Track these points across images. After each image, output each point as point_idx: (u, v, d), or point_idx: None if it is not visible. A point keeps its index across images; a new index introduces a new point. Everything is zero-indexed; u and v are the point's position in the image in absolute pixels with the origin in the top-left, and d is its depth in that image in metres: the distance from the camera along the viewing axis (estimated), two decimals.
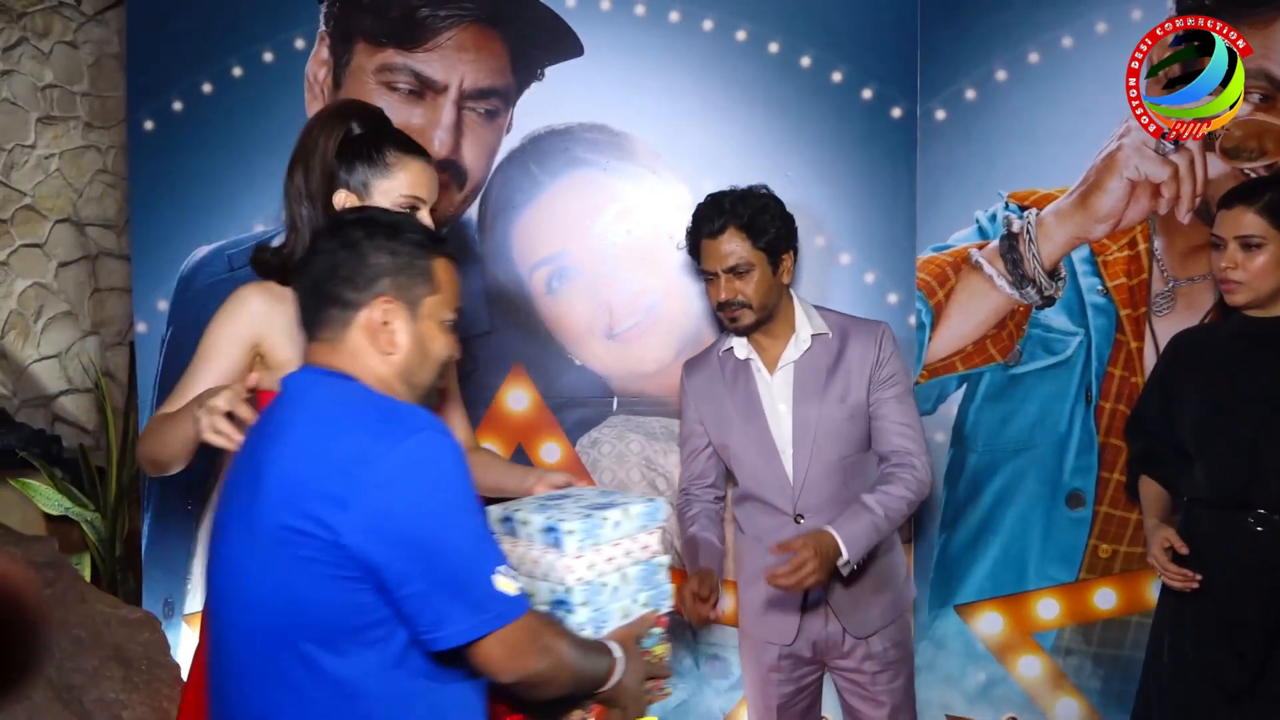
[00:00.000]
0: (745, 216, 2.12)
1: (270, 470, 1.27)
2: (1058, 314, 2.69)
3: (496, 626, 1.26)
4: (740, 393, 2.21)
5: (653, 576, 1.60)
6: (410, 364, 1.37)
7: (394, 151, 1.80)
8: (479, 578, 1.26)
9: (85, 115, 3.80)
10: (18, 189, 3.60)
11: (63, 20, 3.71)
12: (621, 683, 1.45)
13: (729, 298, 2.14)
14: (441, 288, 1.40)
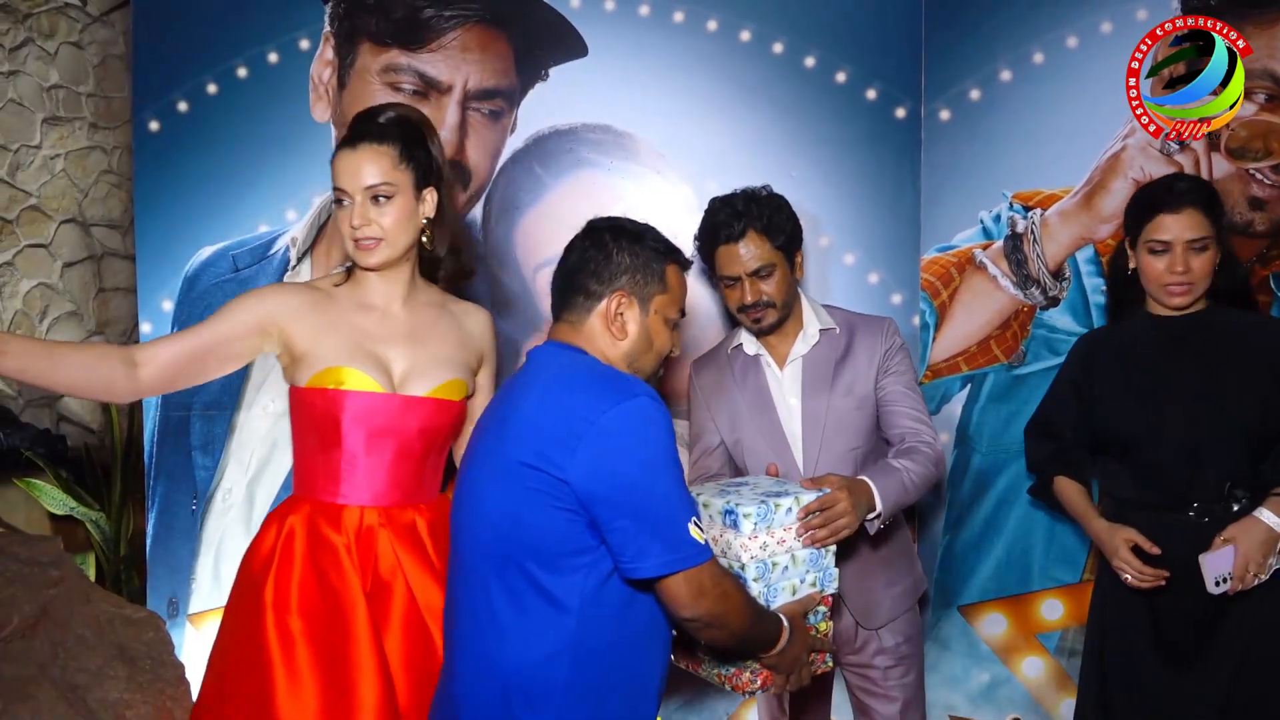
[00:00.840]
0: (764, 218, 2.12)
1: (515, 417, 1.55)
2: (1062, 314, 2.68)
3: (687, 566, 1.49)
4: (750, 388, 2.22)
5: (820, 560, 1.77)
6: (635, 350, 1.65)
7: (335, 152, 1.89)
8: (677, 522, 1.49)
9: (90, 116, 3.81)
10: (23, 189, 3.61)
11: (68, 21, 3.72)
12: (786, 651, 1.65)
13: (755, 299, 2.13)
14: (671, 290, 1.68)
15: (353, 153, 1.84)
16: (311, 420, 1.83)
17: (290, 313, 1.84)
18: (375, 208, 1.82)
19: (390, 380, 1.84)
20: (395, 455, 1.84)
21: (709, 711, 2.80)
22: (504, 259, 2.79)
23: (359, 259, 1.86)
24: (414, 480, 1.87)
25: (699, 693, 2.79)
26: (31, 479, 3.29)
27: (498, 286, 2.79)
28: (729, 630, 1.55)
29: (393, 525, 1.83)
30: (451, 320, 1.97)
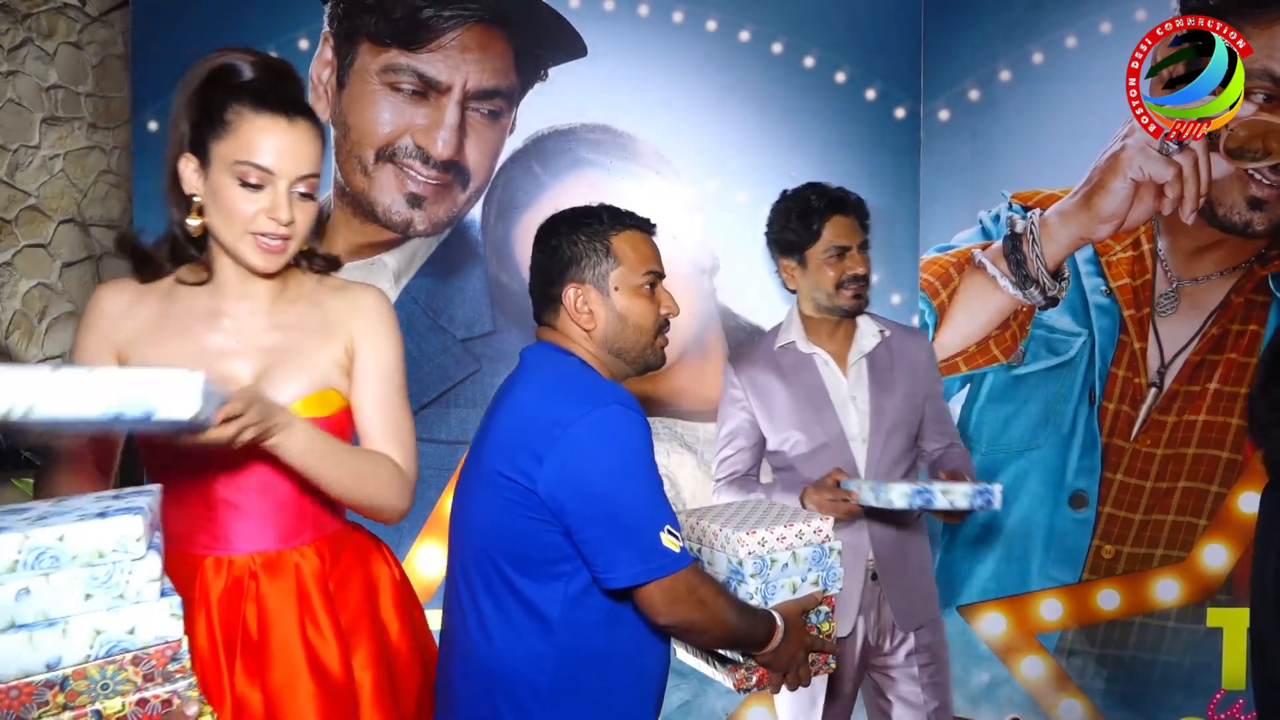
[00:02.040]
0: (857, 208, 2.20)
1: (495, 427, 1.56)
2: (1061, 314, 2.68)
3: (659, 575, 1.48)
4: (803, 386, 2.20)
5: (824, 559, 1.76)
6: (610, 333, 1.62)
7: (237, 105, 1.40)
8: (648, 531, 1.48)
9: (90, 116, 3.81)
10: (22, 189, 3.60)
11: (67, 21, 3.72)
12: (780, 650, 1.64)
13: (865, 270, 2.17)
14: (625, 259, 1.63)
15: (289, 126, 1.42)
16: (152, 458, 1.47)
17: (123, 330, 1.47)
18: (298, 202, 1.43)
19: None
20: (259, 492, 1.47)
21: (708, 711, 2.80)
22: (503, 259, 2.79)
23: (258, 260, 1.44)
24: (291, 516, 1.50)
25: (699, 693, 2.79)
26: (29, 479, 3.29)
27: (496, 287, 2.79)
28: (709, 635, 1.57)
29: (269, 571, 1.48)
30: (319, 313, 1.55)
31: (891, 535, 2.17)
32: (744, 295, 2.78)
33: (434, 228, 2.78)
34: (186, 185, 1.44)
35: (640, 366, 1.67)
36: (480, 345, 2.76)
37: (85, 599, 1.08)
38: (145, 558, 1.10)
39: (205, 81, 1.42)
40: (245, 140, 1.39)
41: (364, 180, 2.77)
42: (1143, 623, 2.70)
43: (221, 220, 1.42)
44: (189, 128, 1.42)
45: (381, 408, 1.55)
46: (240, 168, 1.39)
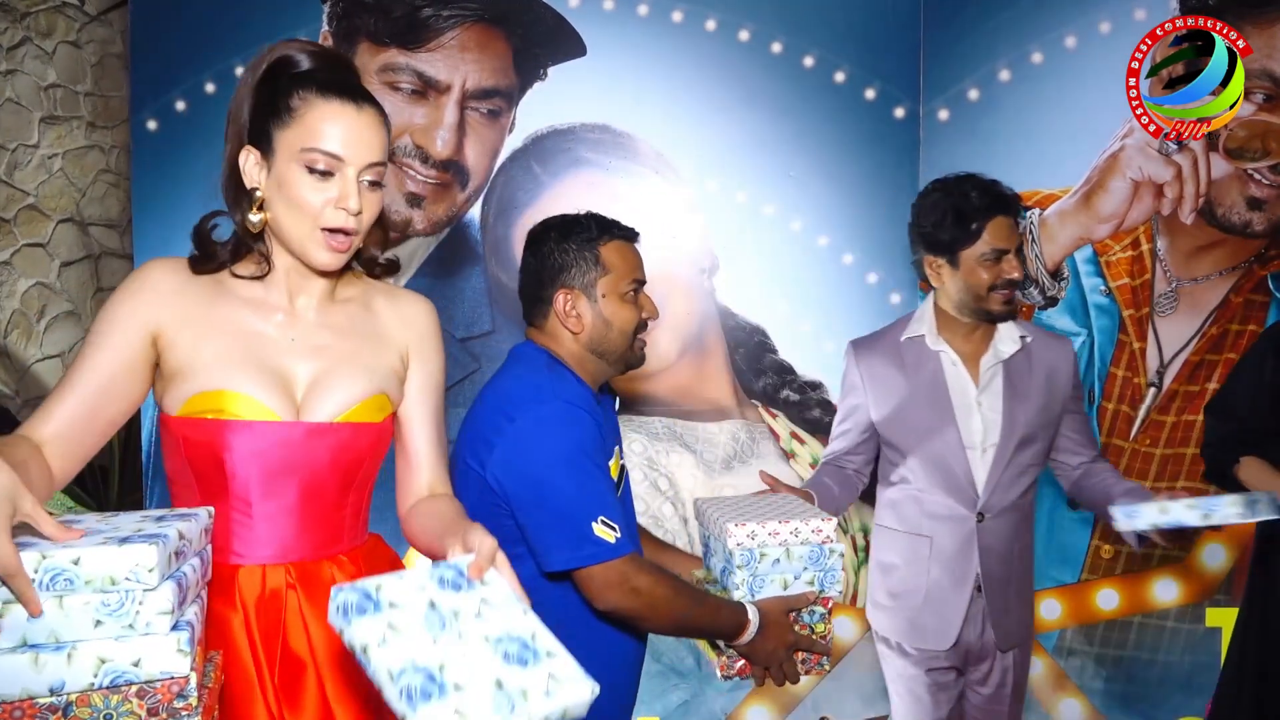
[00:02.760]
0: (1016, 207, 2.07)
1: (467, 418, 1.69)
2: (1060, 314, 2.68)
3: (590, 563, 1.57)
4: (925, 383, 2.11)
5: (822, 560, 1.74)
6: (595, 337, 1.71)
7: (303, 91, 1.34)
8: (579, 521, 1.57)
9: (88, 115, 3.81)
10: (21, 188, 3.60)
11: (66, 20, 3.71)
12: (757, 643, 1.67)
13: (1020, 274, 2.05)
14: (613, 268, 1.71)
15: (358, 113, 1.35)
16: (189, 460, 1.38)
17: (170, 309, 1.37)
18: (366, 192, 1.36)
19: (292, 403, 1.39)
20: (302, 497, 1.40)
21: (708, 711, 2.80)
22: (502, 258, 2.79)
23: (324, 258, 1.38)
24: (329, 526, 1.44)
25: (698, 693, 2.79)
26: None
27: (495, 286, 2.79)
28: (653, 624, 1.64)
29: (306, 585, 1.40)
30: (371, 318, 1.50)
31: (999, 551, 2.09)
32: (743, 295, 2.78)
33: (433, 227, 2.78)
34: (248, 179, 1.38)
35: (621, 366, 1.76)
36: (479, 345, 2.76)
37: (95, 625, 1.06)
38: (158, 589, 1.07)
39: (267, 72, 1.37)
40: (312, 126, 1.33)
41: None
42: (1142, 622, 2.70)
43: (288, 213, 1.35)
44: (249, 118, 1.37)
45: (434, 427, 1.53)
46: (308, 155, 1.32)
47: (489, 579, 1.17)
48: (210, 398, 1.35)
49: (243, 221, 1.39)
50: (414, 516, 1.48)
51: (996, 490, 2.07)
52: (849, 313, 2.77)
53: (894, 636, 2.19)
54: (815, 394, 2.81)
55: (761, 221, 2.77)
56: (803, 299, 2.78)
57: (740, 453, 2.80)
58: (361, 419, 1.42)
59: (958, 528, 2.08)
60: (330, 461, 1.41)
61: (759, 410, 2.80)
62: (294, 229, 1.36)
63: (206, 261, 1.41)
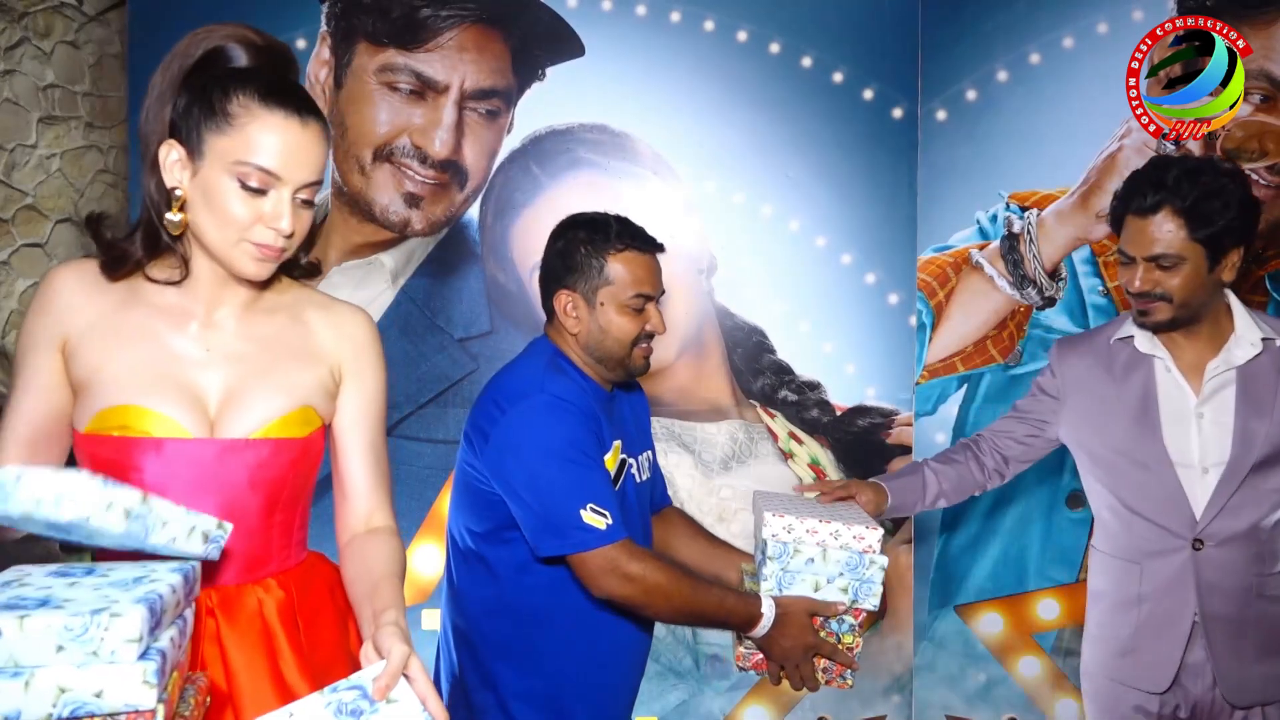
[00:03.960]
0: (1189, 199, 1.71)
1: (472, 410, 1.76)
2: (1058, 315, 2.69)
3: (579, 549, 1.61)
4: (1133, 391, 1.86)
5: (860, 569, 1.69)
6: (590, 341, 1.75)
7: (244, 97, 1.24)
8: (567, 509, 1.61)
9: (87, 115, 3.81)
10: (19, 189, 3.60)
11: (64, 20, 3.71)
12: (774, 638, 1.67)
13: (1146, 289, 1.77)
14: (617, 280, 1.73)
15: (301, 129, 1.25)
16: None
17: (74, 319, 1.29)
18: (300, 210, 1.27)
19: (205, 418, 1.29)
20: (221, 518, 1.27)
21: (706, 711, 2.80)
22: (501, 259, 2.79)
23: (250, 268, 1.28)
24: (254, 548, 1.34)
25: (696, 693, 2.79)
26: None
27: (494, 286, 2.79)
28: (653, 610, 1.67)
29: (227, 611, 1.31)
30: (299, 329, 1.39)
31: (1227, 587, 1.80)
32: (741, 295, 2.79)
33: (431, 227, 2.78)
34: (168, 176, 1.26)
35: (621, 373, 1.78)
36: (478, 345, 2.76)
37: (57, 651, 0.97)
38: (126, 615, 0.99)
39: (201, 62, 1.27)
40: (251, 139, 1.22)
41: (361, 180, 2.77)
42: None
43: (212, 222, 1.25)
44: (176, 112, 1.25)
45: (372, 452, 1.43)
46: (242, 169, 1.22)
47: (396, 695, 1.09)
48: (117, 413, 1.26)
49: (160, 218, 1.27)
50: (347, 561, 1.38)
51: (1221, 516, 1.79)
52: (847, 313, 2.77)
53: (1102, 672, 1.93)
54: (813, 394, 2.81)
55: (759, 222, 2.77)
56: (801, 299, 2.78)
57: (739, 453, 2.80)
58: (282, 434, 1.32)
59: (1170, 556, 1.82)
60: (249, 480, 1.31)
61: (757, 410, 2.81)
62: (217, 239, 1.26)
63: (118, 264, 1.30)
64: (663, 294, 1.80)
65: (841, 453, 2.81)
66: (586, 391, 1.73)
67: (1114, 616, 1.89)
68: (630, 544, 1.64)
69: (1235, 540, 1.79)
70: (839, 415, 2.79)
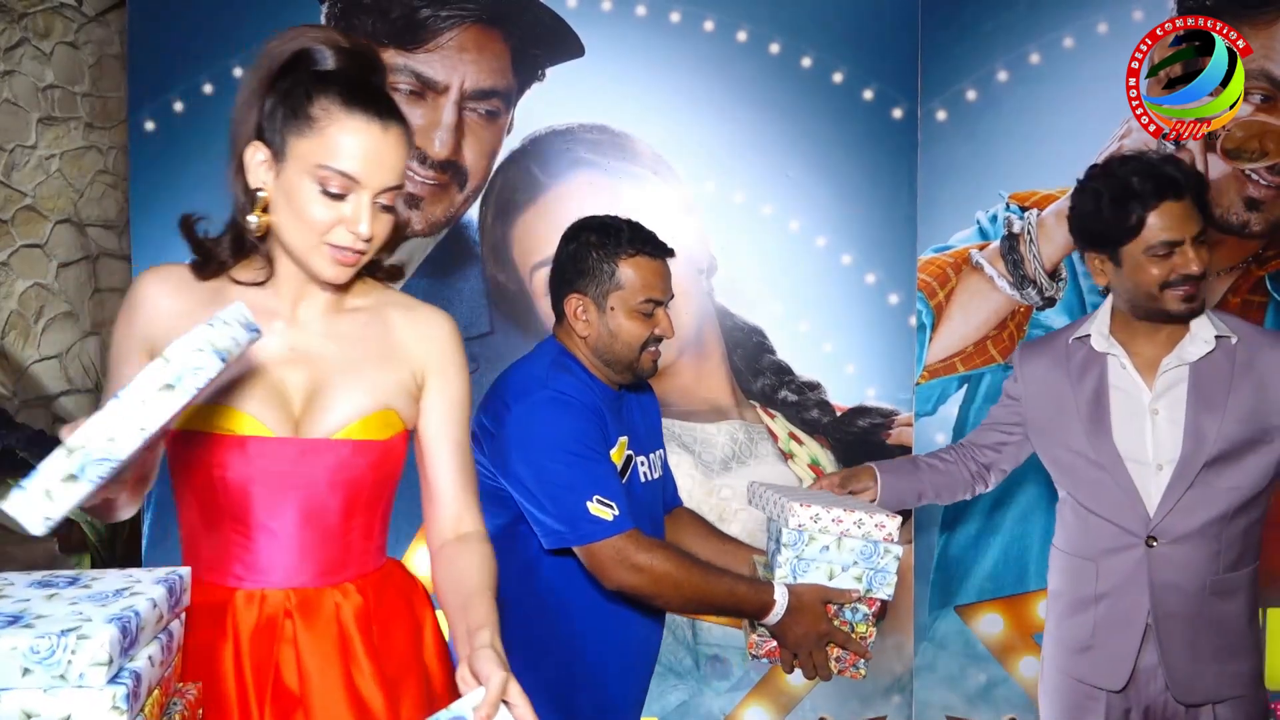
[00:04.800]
0: (1195, 188, 1.77)
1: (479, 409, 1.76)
2: (1059, 315, 2.69)
3: (585, 541, 1.63)
4: (1088, 390, 1.86)
5: (875, 557, 1.69)
6: (599, 345, 1.76)
7: (326, 100, 1.24)
8: (572, 501, 1.63)
9: (86, 116, 3.80)
10: (18, 189, 3.59)
11: (64, 21, 3.71)
12: (787, 625, 1.67)
13: (1204, 266, 1.74)
14: (627, 284, 1.74)
15: (383, 133, 1.25)
16: (185, 474, 1.32)
17: (161, 323, 1.30)
18: (379, 215, 1.28)
19: (289, 416, 1.30)
20: (301, 519, 1.31)
21: (706, 711, 2.80)
22: (501, 259, 2.79)
23: (329, 272, 1.29)
24: (333, 550, 1.34)
25: (696, 693, 2.79)
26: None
27: (494, 287, 2.79)
28: (664, 600, 1.68)
29: (305, 613, 1.31)
30: (383, 330, 1.39)
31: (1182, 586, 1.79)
32: (741, 295, 2.78)
33: (431, 228, 2.78)
34: (252, 177, 1.28)
35: (629, 375, 1.79)
36: (477, 346, 2.76)
37: (23, 674, 0.93)
38: (94, 637, 0.95)
39: (286, 65, 1.28)
40: (332, 142, 1.23)
41: None
42: None
43: (293, 224, 1.26)
44: (261, 114, 1.27)
45: (459, 455, 1.42)
46: (323, 172, 1.23)
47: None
48: (203, 412, 1.27)
49: (244, 220, 1.30)
50: (438, 569, 1.38)
51: (1174, 513, 1.78)
52: (847, 313, 2.77)
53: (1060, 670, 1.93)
54: (813, 394, 2.81)
55: (759, 222, 2.77)
56: (801, 300, 2.78)
57: (739, 453, 2.80)
58: (363, 436, 1.32)
59: (1124, 554, 1.82)
60: (329, 481, 1.31)
61: (757, 411, 2.81)
62: (297, 241, 1.27)
63: (208, 264, 1.33)
64: (672, 299, 1.81)
65: (841, 453, 2.80)
66: (592, 389, 1.75)
67: (1073, 616, 1.90)
68: (638, 534, 1.65)
69: (1189, 538, 1.78)
70: (839, 416, 2.79)
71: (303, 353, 1.33)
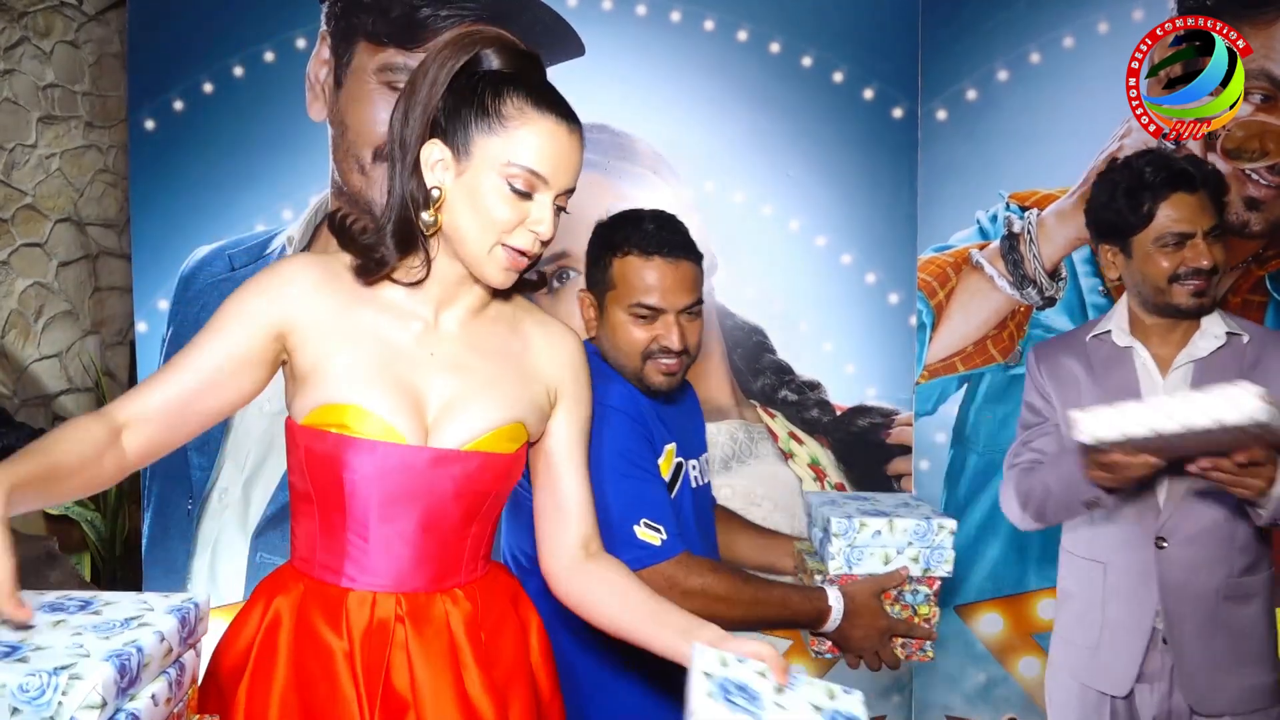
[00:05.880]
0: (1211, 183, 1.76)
1: None
2: (1059, 314, 2.69)
3: (634, 568, 1.46)
4: (1110, 384, 1.83)
5: (929, 535, 1.63)
6: (605, 346, 1.67)
7: (518, 100, 1.25)
8: (620, 525, 1.54)
9: (86, 115, 3.80)
10: (18, 188, 3.59)
11: (64, 20, 3.71)
12: (845, 631, 1.60)
13: (1216, 261, 1.73)
14: (620, 284, 1.62)
15: (569, 135, 1.28)
16: (308, 470, 1.30)
17: (303, 309, 1.28)
18: (554, 216, 1.29)
19: (421, 424, 1.29)
20: (421, 526, 1.30)
21: None
22: None
23: (499, 276, 1.28)
24: (448, 558, 1.33)
25: None
26: None
27: None
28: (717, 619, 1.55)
29: (416, 619, 1.30)
30: (519, 343, 1.39)
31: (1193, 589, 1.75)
32: (742, 295, 2.78)
33: None
34: (429, 175, 1.26)
35: (640, 386, 1.65)
36: None
37: (11, 714, 0.88)
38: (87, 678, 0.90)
39: (471, 65, 1.27)
40: (524, 141, 1.23)
41: (361, 179, 2.77)
42: None
43: (473, 224, 1.25)
44: (443, 112, 1.25)
45: (586, 476, 1.43)
46: (512, 170, 1.23)
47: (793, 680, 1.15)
48: (336, 411, 1.26)
49: (415, 219, 1.27)
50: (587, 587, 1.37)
51: (1181, 513, 1.76)
52: (847, 313, 2.77)
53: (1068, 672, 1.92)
54: (813, 394, 2.81)
55: (760, 221, 2.77)
56: (801, 299, 2.78)
57: (739, 453, 2.80)
58: (492, 449, 1.31)
59: (1133, 554, 1.79)
60: (454, 491, 1.30)
61: (757, 410, 2.81)
62: (475, 241, 1.25)
63: (377, 268, 1.29)
64: (689, 305, 1.65)
65: (841, 453, 2.80)
66: (635, 395, 1.64)
67: (1082, 618, 1.88)
68: (687, 558, 1.57)
69: (1198, 539, 1.76)
70: (839, 415, 2.79)
71: (442, 359, 1.32)
